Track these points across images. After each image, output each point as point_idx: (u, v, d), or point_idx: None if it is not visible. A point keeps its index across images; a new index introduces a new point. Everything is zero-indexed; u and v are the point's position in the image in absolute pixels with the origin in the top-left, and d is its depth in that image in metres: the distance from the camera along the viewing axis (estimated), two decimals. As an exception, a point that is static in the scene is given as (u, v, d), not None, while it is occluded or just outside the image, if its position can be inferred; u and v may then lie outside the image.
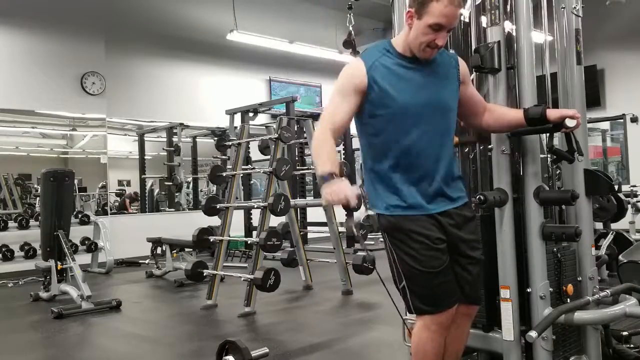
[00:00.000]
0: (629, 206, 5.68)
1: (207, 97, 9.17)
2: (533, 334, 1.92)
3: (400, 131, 1.86)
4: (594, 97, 8.85)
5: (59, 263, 5.03)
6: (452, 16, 1.77)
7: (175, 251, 6.24)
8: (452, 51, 2.40)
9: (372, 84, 1.84)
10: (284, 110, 6.49)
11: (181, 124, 8.84)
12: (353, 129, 2.04)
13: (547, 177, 2.31)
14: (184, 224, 6.89)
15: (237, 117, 6.94)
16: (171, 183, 8.82)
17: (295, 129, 6.20)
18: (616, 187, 4.81)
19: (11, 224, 6.28)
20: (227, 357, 2.63)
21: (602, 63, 9.13)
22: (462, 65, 2.00)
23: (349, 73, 1.88)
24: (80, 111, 7.77)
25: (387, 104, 1.84)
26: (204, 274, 4.80)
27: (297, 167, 6.44)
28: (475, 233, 2.00)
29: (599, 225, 4.83)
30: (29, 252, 6.21)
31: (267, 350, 2.76)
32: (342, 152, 7.81)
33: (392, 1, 2.49)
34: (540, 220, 2.09)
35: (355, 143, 8.52)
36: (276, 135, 4.66)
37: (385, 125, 1.87)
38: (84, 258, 6.43)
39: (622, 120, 8.80)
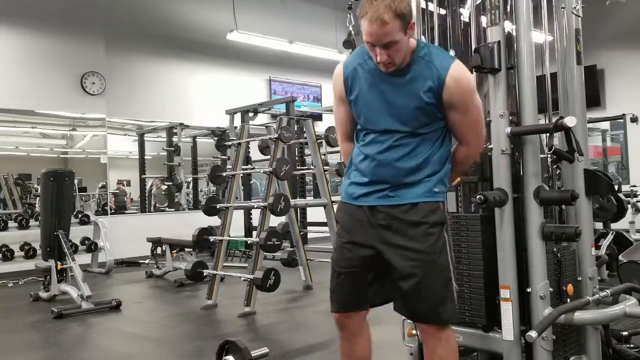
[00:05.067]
0: (629, 206, 5.67)
1: (207, 97, 9.16)
2: (533, 334, 1.92)
3: (362, 128, 1.91)
4: (594, 97, 8.84)
5: (59, 263, 5.02)
6: (375, 35, 1.68)
7: (175, 251, 6.23)
8: (452, 52, 2.40)
9: (347, 88, 1.91)
10: (284, 110, 6.49)
11: (181, 124, 8.84)
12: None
13: (547, 177, 2.31)
14: (184, 224, 6.89)
15: (237, 117, 6.95)
16: (171, 183, 8.82)
17: (295, 129, 6.20)
18: (616, 187, 4.81)
19: (11, 224, 6.27)
20: (227, 357, 2.62)
21: (602, 63, 9.13)
22: (450, 84, 1.75)
23: (333, 82, 1.98)
24: (80, 111, 7.76)
25: (353, 101, 1.90)
26: (204, 274, 4.80)
27: (297, 167, 6.44)
28: (420, 241, 1.77)
29: (599, 225, 4.84)
30: (29, 252, 6.21)
31: (267, 350, 2.75)
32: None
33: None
34: (540, 220, 2.09)
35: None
36: (276, 135, 4.66)
37: (355, 115, 1.93)
38: (84, 258, 6.43)
39: (622, 120, 8.77)
